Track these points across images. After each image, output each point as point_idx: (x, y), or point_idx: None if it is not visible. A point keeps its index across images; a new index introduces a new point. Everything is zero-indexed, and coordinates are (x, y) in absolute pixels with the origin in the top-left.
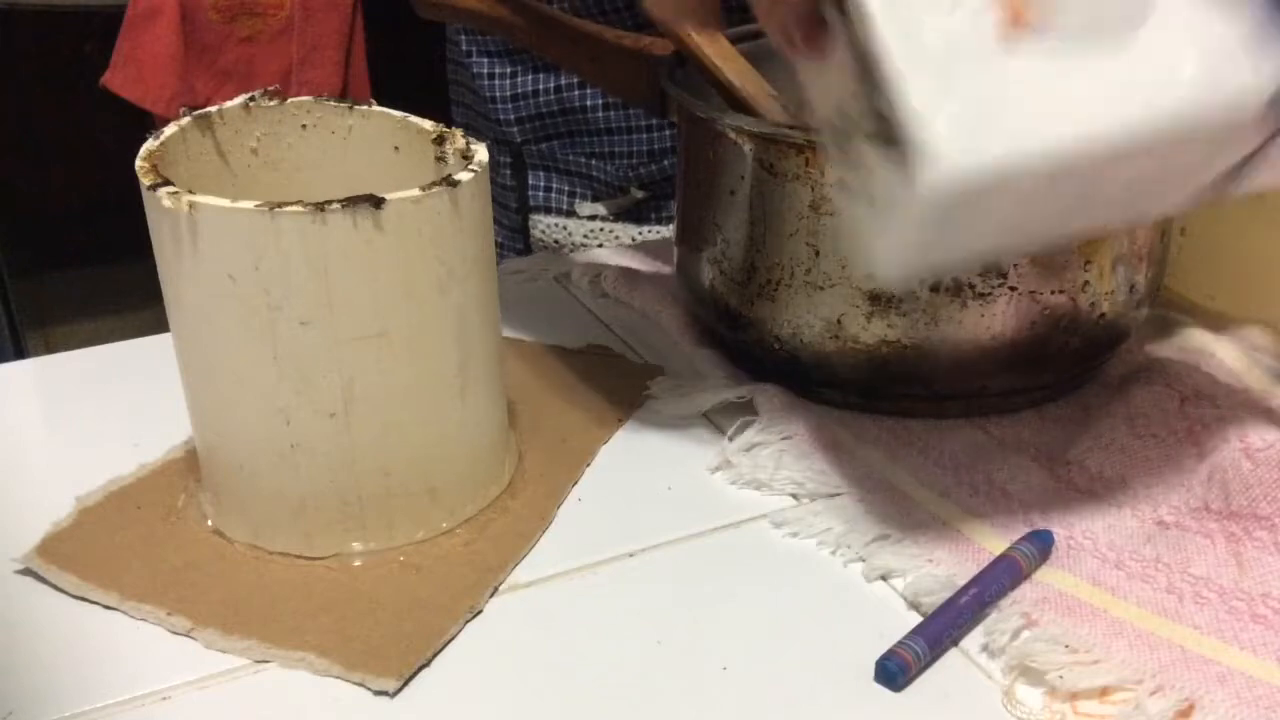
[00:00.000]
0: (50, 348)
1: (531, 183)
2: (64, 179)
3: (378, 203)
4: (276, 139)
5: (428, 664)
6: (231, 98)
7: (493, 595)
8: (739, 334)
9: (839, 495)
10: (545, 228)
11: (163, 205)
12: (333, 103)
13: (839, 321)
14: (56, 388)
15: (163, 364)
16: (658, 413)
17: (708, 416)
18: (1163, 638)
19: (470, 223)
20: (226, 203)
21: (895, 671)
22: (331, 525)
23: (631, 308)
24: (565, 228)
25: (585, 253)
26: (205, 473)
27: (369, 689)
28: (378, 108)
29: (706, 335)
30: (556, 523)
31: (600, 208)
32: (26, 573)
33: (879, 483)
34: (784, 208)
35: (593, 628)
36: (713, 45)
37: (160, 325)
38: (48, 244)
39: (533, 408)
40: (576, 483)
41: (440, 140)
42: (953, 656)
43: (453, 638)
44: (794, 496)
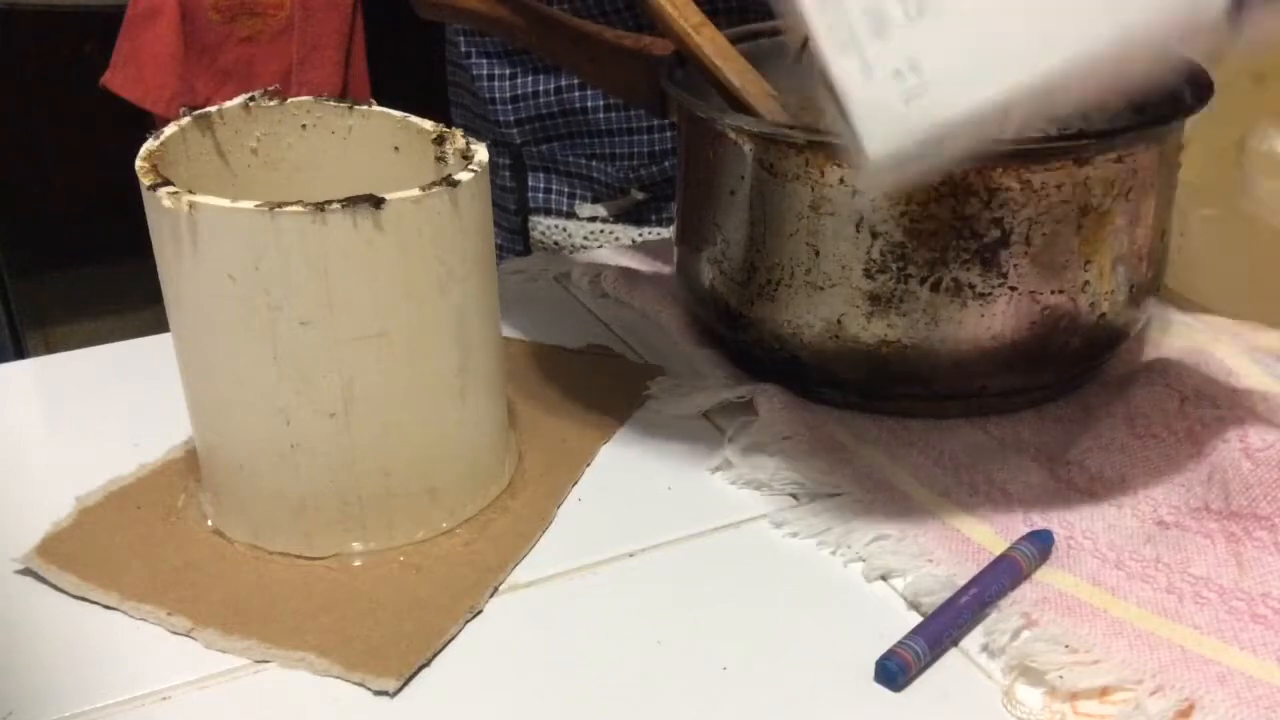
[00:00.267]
0: (50, 348)
1: (531, 184)
2: (64, 179)
3: (378, 203)
4: (276, 139)
5: (428, 664)
6: (231, 98)
7: (493, 595)
8: (739, 334)
9: (839, 495)
10: (545, 229)
11: (163, 205)
12: (333, 103)
13: (839, 321)
14: (56, 388)
15: (163, 364)
16: (658, 413)
17: (708, 416)
18: (1163, 638)
19: (470, 223)
20: (226, 203)
21: (895, 671)
22: (331, 525)
23: (631, 308)
24: (565, 229)
25: (585, 253)
26: (205, 473)
27: (369, 689)
28: (378, 108)
29: (706, 335)
30: (556, 523)
31: (600, 209)
32: (26, 573)
33: (879, 483)
34: (784, 208)
35: (593, 628)
36: (713, 45)
37: (160, 325)
38: (48, 244)
39: (533, 408)
40: (576, 483)
41: (440, 140)
42: (953, 656)
43: (453, 638)
44: (794, 496)
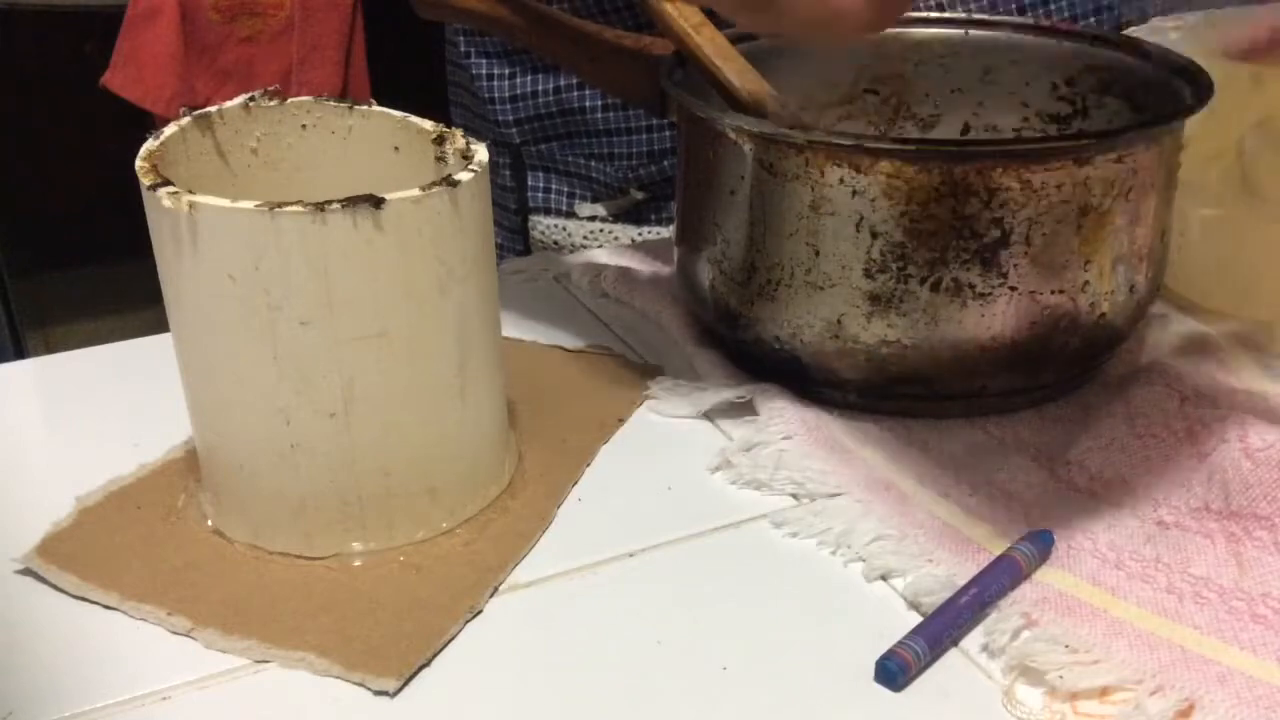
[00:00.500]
0: (50, 348)
1: (531, 184)
2: (64, 179)
3: (378, 203)
4: (276, 139)
5: (428, 664)
6: (231, 98)
7: (493, 595)
8: (739, 334)
9: (839, 495)
10: (545, 229)
11: (163, 205)
12: (333, 103)
13: (839, 321)
14: (56, 388)
15: (163, 364)
16: (658, 413)
17: (708, 416)
18: (1163, 638)
19: (470, 223)
20: (226, 203)
21: (895, 671)
22: (331, 525)
23: (631, 308)
24: (565, 229)
25: (585, 253)
26: (205, 473)
27: (369, 689)
28: (378, 108)
29: (706, 335)
30: (556, 523)
31: (600, 209)
32: (26, 573)
33: (879, 483)
34: (784, 208)
35: (593, 628)
36: (712, 45)
37: (160, 325)
38: (48, 244)
39: (533, 408)
40: (576, 483)
41: (440, 140)
42: (953, 656)
43: (453, 638)
44: (794, 496)
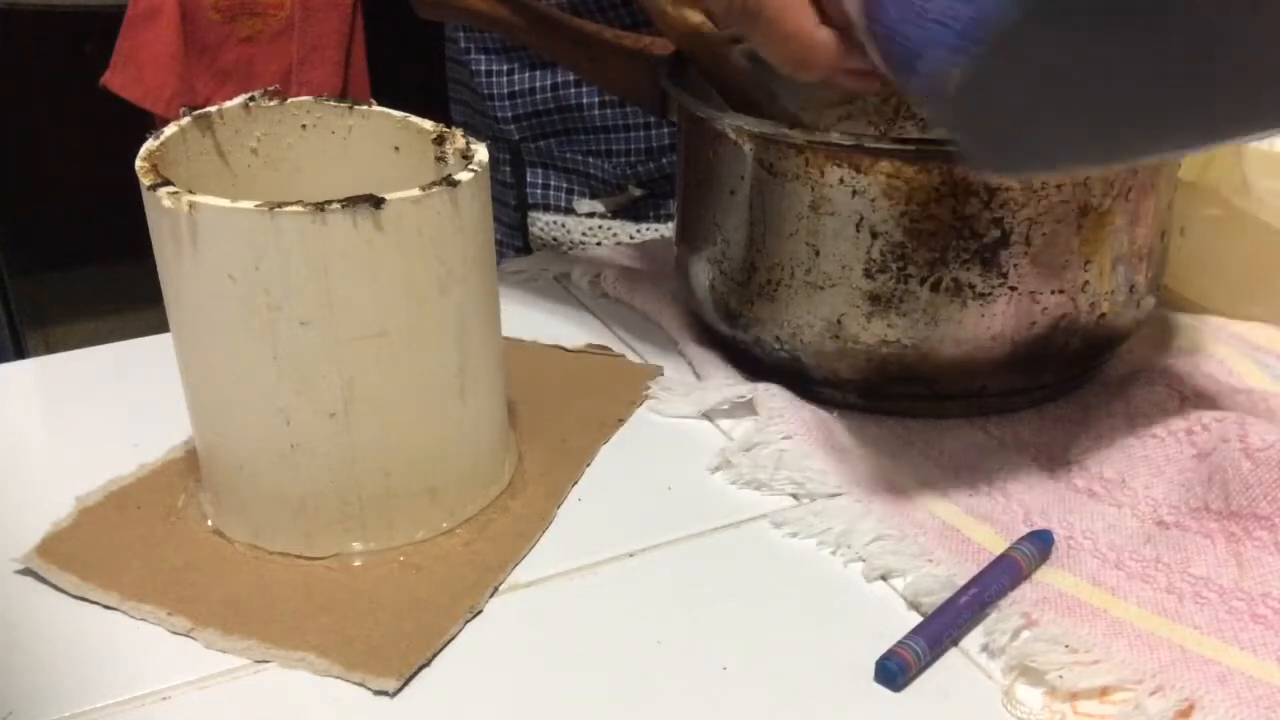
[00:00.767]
0: (50, 348)
1: (530, 180)
2: (64, 179)
3: (378, 203)
4: (276, 139)
5: (428, 664)
6: (231, 98)
7: (493, 595)
8: (739, 334)
9: (839, 495)
10: (544, 225)
11: (163, 205)
12: (333, 103)
13: (839, 321)
14: (56, 388)
15: (163, 364)
16: (658, 413)
17: (708, 416)
18: (1163, 638)
19: (470, 223)
20: (226, 203)
21: (895, 671)
22: (331, 525)
23: (632, 308)
24: (564, 225)
25: (585, 252)
26: (205, 473)
27: (369, 689)
28: (378, 108)
29: (706, 335)
30: (556, 523)
31: (598, 205)
32: (26, 573)
33: (879, 483)
34: (784, 208)
35: (593, 628)
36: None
37: (160, 325)
38: (48, 244)
39: (533, 408)
40: (576, 483)
41: (440, 140)
42: (953, 656)
43: (453, 638)
44: (794, 496)
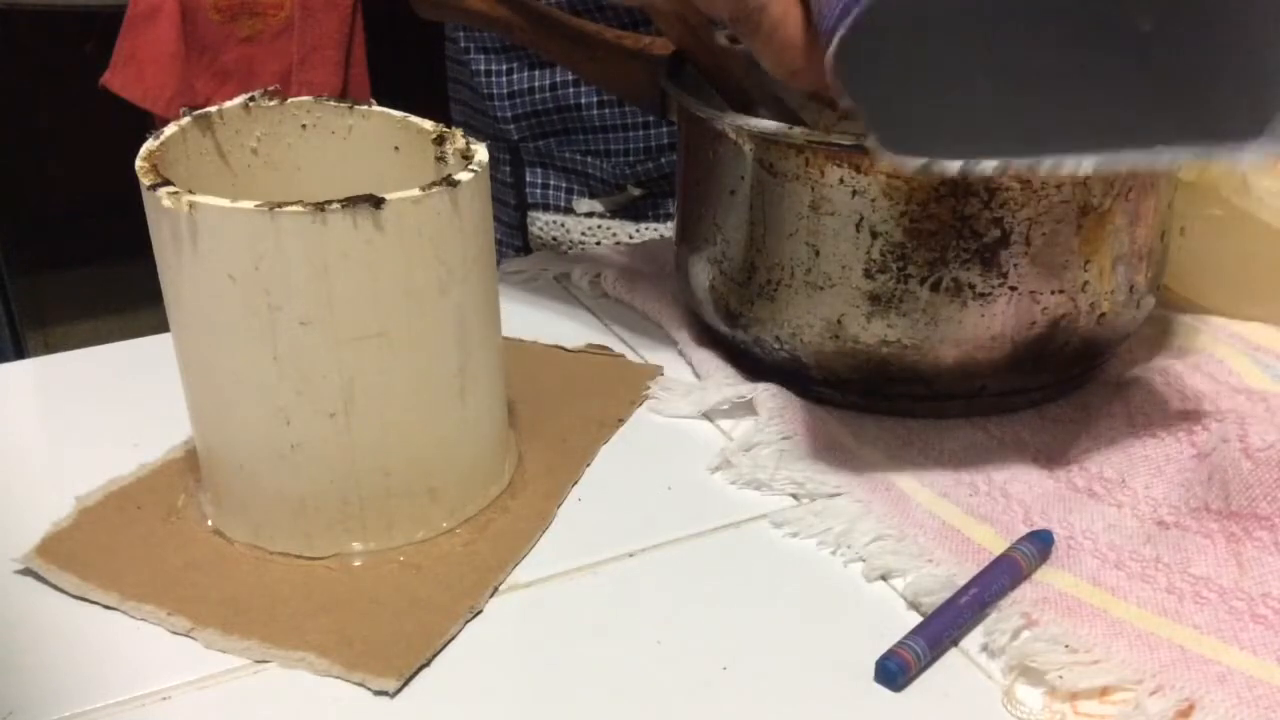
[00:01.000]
0: (50, 348)
1: (529, 180)
2: (64, 179)
3: (378, 203)
4: (276, 139)
5: (428, 664)
6: (231, 98)
7: (493, 595)
8: (739, 334)
9: (839, 495)
10: (543, 225)
11: (163, 205)
12: (333, 103)
13: (839, 321)
14: (56, 388)
15: (163, 364)
16: (658, 413)
17: (708, 416)
18: (1163, 638)
19: (470, 223)
20: (226, 203)
21: (895, 671)
22: (331, 525)
23: (632, 308)
24: (563, 225)
25: (585, 252)
26: (205, 473)
27: (369, 689)
28: (378, 108)
29: (706, 335)
30: (556, 523)
31: (598, 205)
32: (26, 573)
33: (879, 483)
34: (784, 208)
35: (593, 628)
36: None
37: (160, 325)
38: (48, 244)
39: (533, 408)
40: (576, 483)
41: (440, 140)
42: (953, 656)
43: (453, 638)
44: (794, 496)
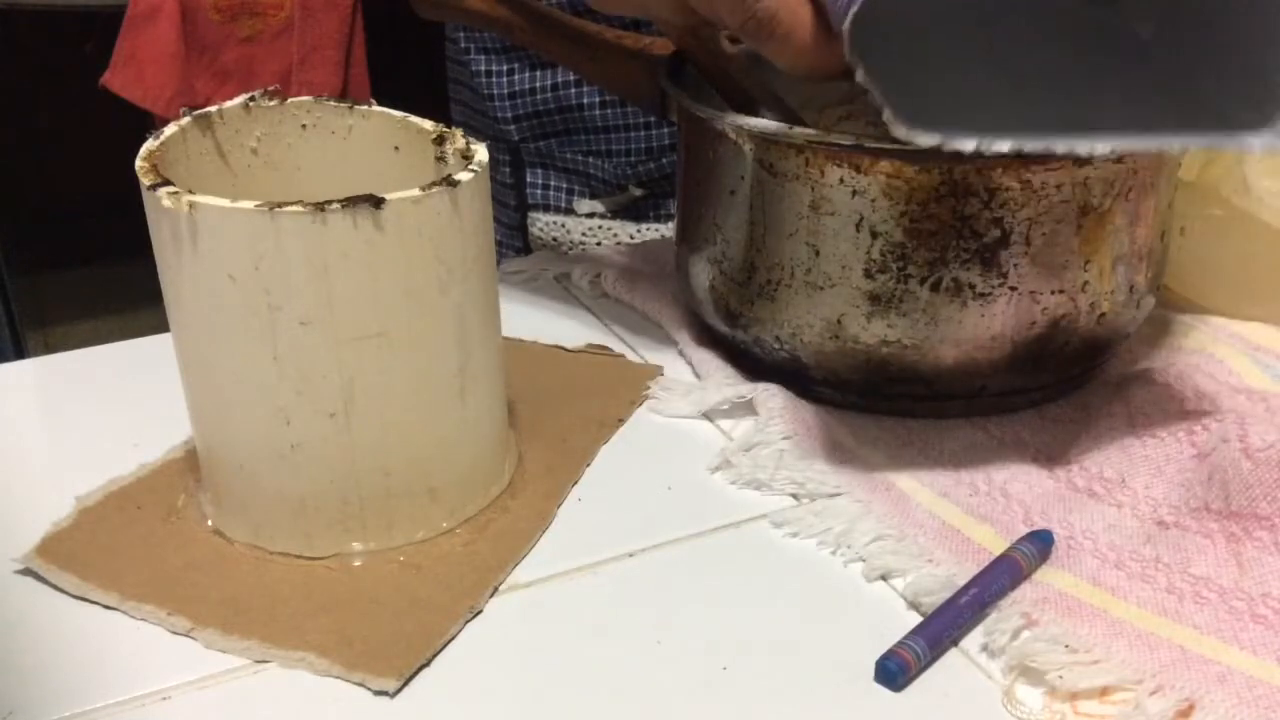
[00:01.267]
0: (50, 348)
1: (529, 180)
2: (64, 179)
3: (378, 203)
4: (276, 139)
5: (428, 664)
6: (231, 98)
7: (493, 595)
8: (739, 334)
9: (839, 495)
10: (544, 225)
11: (163, 205)
12: (333, 103)
13: (839, 321)
14: (56, 388)
15: (163, 364)
16: (658, 413)
17: (708, 416)
18: (1163, 638)
19: (470, 223)
20: (226, 203)
21: (895, 671)
22: (331, 525)
23: (632, 308)
24: (564, 225)
25: (585, 252)
26: (205, 473)
27: (369, 689)
28: (378, 108)
29: (706, 335)
30: (556, 523)
31: (598, 205)
32: (26, 573)
33: (879, 483)
34: (784, 208)
35: (593, 628)
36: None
37: (160, 325)
38: (48, 244)
39: (533, 408)
40: (576, 483)
41: (440, 140)
42: (953, 656)
43: (453, 638)
44: (794, 496)
